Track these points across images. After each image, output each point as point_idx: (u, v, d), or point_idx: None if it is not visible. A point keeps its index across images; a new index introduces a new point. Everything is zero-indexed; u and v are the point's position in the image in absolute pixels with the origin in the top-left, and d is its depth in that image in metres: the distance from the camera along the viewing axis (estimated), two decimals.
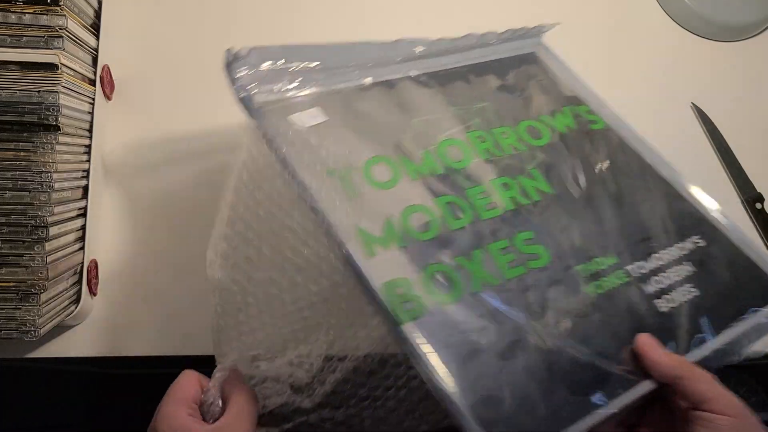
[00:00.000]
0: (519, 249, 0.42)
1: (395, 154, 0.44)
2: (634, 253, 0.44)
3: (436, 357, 0.36)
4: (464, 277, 0.40)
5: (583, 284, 0.42)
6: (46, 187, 0.45)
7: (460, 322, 0.38)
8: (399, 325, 0.36)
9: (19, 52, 0.46)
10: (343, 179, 0.41)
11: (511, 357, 0.37)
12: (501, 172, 0.46)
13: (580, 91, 0.55)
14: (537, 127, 0.50)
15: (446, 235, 0.41)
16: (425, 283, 0.38)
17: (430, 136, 0.46)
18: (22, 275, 0.45)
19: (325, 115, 0.44)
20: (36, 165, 0.45)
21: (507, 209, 0.44)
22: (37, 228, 0.45)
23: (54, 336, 0.51)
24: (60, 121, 0.46)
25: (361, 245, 0.39)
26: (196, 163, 0.57)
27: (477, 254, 0.41)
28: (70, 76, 0.48)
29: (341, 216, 0.40)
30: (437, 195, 0.43)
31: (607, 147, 0.51)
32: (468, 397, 0.35)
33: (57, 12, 0.46)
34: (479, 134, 0.48)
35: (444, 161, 0.45)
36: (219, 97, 0.58)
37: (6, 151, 0.45)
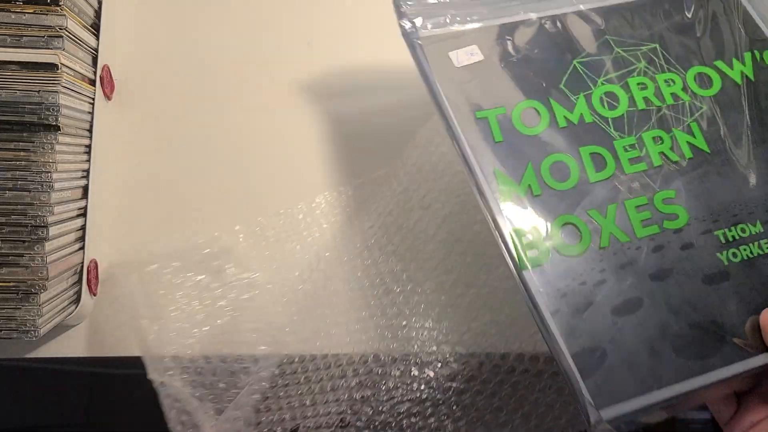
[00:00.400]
0: (657, 207, 0.42)
1: (547, 99, 0.44)
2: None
3: (549, 303, 0.38)
4: (593, 231, 0.40)
5: (717, 250, 0.41)
6: (46, 187, 0.45)
7: (580, 274, 0.39)
8: (521, 271, 0.38)
9: (19, 52, 0.46)
10: (490, 122, 0.43)
11: (624, 314, 0.38)
12: (656, 124, 0.44)
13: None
14: (708, 74, 0.47)
15: (584, 187, 0.41)
16: (553, 234, 0.39)
17: (587, 80, 0.46)
18: (22, 275, 0.45)
19: (482, 53, 0.45)
20: (36, 165, 0.45)
21: (654, 165, 0.43)
22: (37, 228, 0.45)
23: (54, 336, 0.51)
24: (60, 121, 0.46)
25: (497, 189, 0.41)
26: (196, 163, 0.57)
27: (611, 209, 0.41)
28: (70, 76, 0.48)
29: (482, 159, 0.41)
30: (583, 144, 0.43)
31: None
32: (572, 345, 0.37)
33: (57, 12, 0.46)
34: (641, 81, 0.46)
35: (597, 109, 0.44)
36: (219, 97, 0.59)
37: (6, 151, 0.45)
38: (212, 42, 0.60)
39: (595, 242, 0.40)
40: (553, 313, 0.38)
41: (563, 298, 0.38)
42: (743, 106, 0.46)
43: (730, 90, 0.47)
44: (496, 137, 0.42)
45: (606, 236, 0.40)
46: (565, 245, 0.39)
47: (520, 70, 0.45)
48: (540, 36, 0.47)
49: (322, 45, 0.60)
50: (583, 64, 0.46)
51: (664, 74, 0.46)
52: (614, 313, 0.38)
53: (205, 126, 0.58)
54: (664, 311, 0.39)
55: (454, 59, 0.44)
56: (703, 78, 0.47)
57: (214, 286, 0.52)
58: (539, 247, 0.39)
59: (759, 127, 0.45)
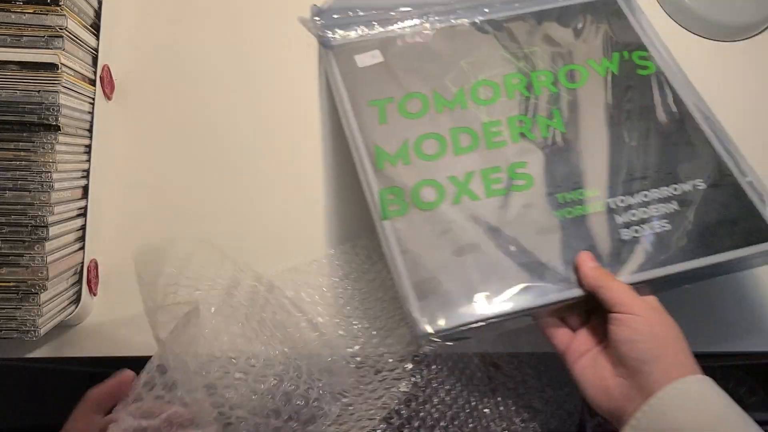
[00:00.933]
0: (509, 175, 0.50)
1: (432, 91, 0.53)
2: (621, 189, 0.50)
3: (401, 244, 0.46)
4: (449, 192, 0.49)
5: (555, 209, 0.49)
6: (46, 187, 0.45)
7: (432, 224, 0.47)
8: (383, 221, 0.47)
9: (19, 52, 0.46)
10: (380, 109, 0.52)
11: (462, 254, 0.46)
12: (522, 111, 0.53)
13: (647, 36, 0.58)
14: (578, 70, 0.55)
15: (449, 159, 0.50)
16: (414, 193, 0.48)
17: (469, 76, 0.54)
18: (22, 275, 0.45)
19: (383, 56, 0.54)
20: (36, 165, 0.45)
21: (513, 142, 0.51)
22: (37, 228, 0.45)
23: (54, 336, 0.51)
24: (60, 121, 0.46)
25: (374, 159, 0.50)
26: (196, 163, 0.57)
27: (469, 175, 0.49)
28: (70, 76, 0.48)
29: (367, 137, 0.50)
30: (455, 126, 0.51)
31: (646, 92, 0.55)
32: (413, 275, 0.45)
33: (57, 12, 0.46)
34: (516, 76, 0.55)
35: (473, 98, 0.53)
36: (219, 97, 0.59)
37: (6, 151, 0.45)
38: (212, 42, 0.60)
39: (448, 200, 0.48)
40: (403, 251, 0.46)
41: (414, 241, 0.47)
42: (604, 94, 0.54)
43: (596, 83, 0.55)
44: (382, 120, 0.51)
45: (459, 196, 0.49)
46: (423, 202, 0.48)
47: (413, 69, 0.54)
48: (434, 41, 0.56)
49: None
50: (470, 63, 0.55)
51: (539, 72, 0.55)
52: (454, 254, 0.46)
53: (205, 125, 0.58)
54: (497, 253, 0.47)
55: (359, 61, 0.54)
56: (573, 74, 0.55)
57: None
58: (401, 203, 0.48)
59: (615, 111, 0.54)
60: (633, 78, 0.55)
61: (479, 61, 0.55)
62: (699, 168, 0.51)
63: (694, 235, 0.48)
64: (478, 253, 0.47)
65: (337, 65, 0.54)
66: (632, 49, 0.57)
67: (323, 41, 0.55)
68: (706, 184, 0.50)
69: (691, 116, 0.54)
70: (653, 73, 0.56)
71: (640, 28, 0.58)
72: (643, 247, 0.48)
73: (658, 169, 0.51)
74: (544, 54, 0.56)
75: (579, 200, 0.49)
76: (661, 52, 0.57)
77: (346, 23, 0.56)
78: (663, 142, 0.53)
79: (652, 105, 0.54)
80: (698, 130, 0.53)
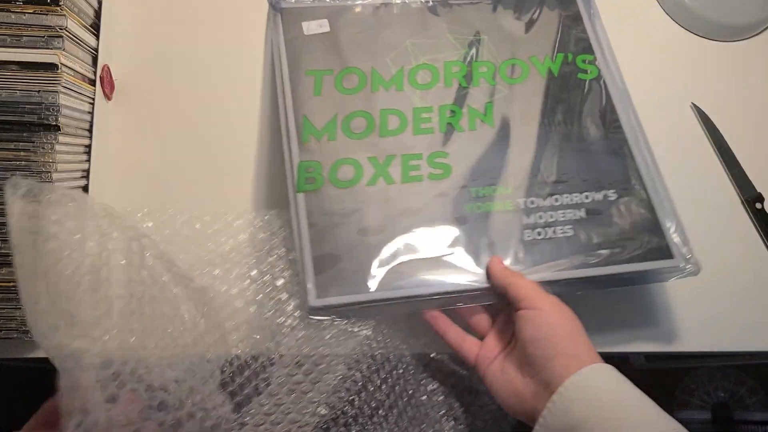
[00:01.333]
0: (428, 163, 0.50)
1: (371, 68, 0.53)
2: (534, 190, 0.50)
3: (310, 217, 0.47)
4: (366, 173, 0.49)
5: (465, 202, 0.49)
6: None
7: (344, 202, 0.48)
8: (297, 193, 0.47)
9: (19, 52, 0.46)
10: (316, 79, 0.52)
11: (367, 234, 0.47)
12: (455, 101, 0.53)
13: (598, 40, 0.58)
14: (520, 66, 0.55)
15: (374, 139, 0.50)
16: (332, 170, 0.49)
17: (411, 58, 0.54)
18: None
19: (330, 26, 0.54)
20: (36, 165, 0.45)
21: (440, 131, 0.52)
22: None
23: None
24: (60, 121, 0.46)
25: (300, 132, 0.50)
26: (195, 164, 0.57)
27: (389, 159, 0.50)
28: (70, 76, 0.48)
29: (298, 107, 0.51)
30: (386, 107, 0.52)
31: (581, 97, 0.55)
32: (316, 249, 0.46)
33: (57, 12, 0.46)
34: (457, 64, 0.54)
35: (410, 81, 0.53)
36: (219, 97, 0.59)
37: (6, 151, 0.45)
38: (212, 42, 0.60)
39: (364, 181, 0.49)
40: (310, 225, 0.47)
41: (323, 215, 0.47)
42: (540, 94, 0.54)
43: (535, 81, 0.55)
44: (316, 92, 0.51)
45: (375, 178, 0.49)
46: (338, 180, 0.48)
47: (357, 43, 0.54)
48: (384, 16, 0.56)
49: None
50: (415, 44, 0.55)
51: (481, 62, 0.55)
52: (359, 233, 0.47)
53: (205, 125, 0.58)
54: (400, 237, 0.47)
55: (305, 28, 0.54)
56: (515, 68, 0.55)
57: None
58: (317, 177, 0.48)
59: (546, 113, 0.54)
60: (571, 81, 0.55)
61: (425, 43, 0.55)
62: (615, 179, 0.52)
63: (592, 244, 0.49)
64: (383, 236, 0.47)
65: (282, 29, 0.53)
66: (579, 51, 0.57)
67: (273, 2, 0.54)
68: (617, 195, 0.51)
69: (619, 126, 0.54)
70: (593, 78, 0.55)
71: (592, 31, 0.58)
72: (541, 250, 0.48)
73: (575, 175, 0.51)
74: (490, 43, 0.56)
75: (490, 196, 0.50)
76: (606, 59, 0.57)
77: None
78: (586, 149, 0.53)
79: (583, 111, 0.54)
80: (623, 141, 0.53)
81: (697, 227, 0.59)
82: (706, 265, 0.49)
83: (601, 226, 0.50)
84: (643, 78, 0.63)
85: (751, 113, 0.63)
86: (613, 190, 0.51)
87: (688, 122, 0.62)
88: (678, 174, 0.60)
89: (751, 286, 0.57)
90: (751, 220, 0.59)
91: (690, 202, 0.59)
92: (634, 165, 0.52)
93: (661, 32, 0.65)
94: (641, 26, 0.65)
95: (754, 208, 0.59)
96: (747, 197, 0.60)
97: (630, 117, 0.54)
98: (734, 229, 0.59)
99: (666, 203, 0.51)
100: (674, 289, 0.56)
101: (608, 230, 0.50)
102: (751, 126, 0.63)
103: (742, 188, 0.60)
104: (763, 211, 0.59)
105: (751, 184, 0.60)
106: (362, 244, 0.47)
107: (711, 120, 0.62)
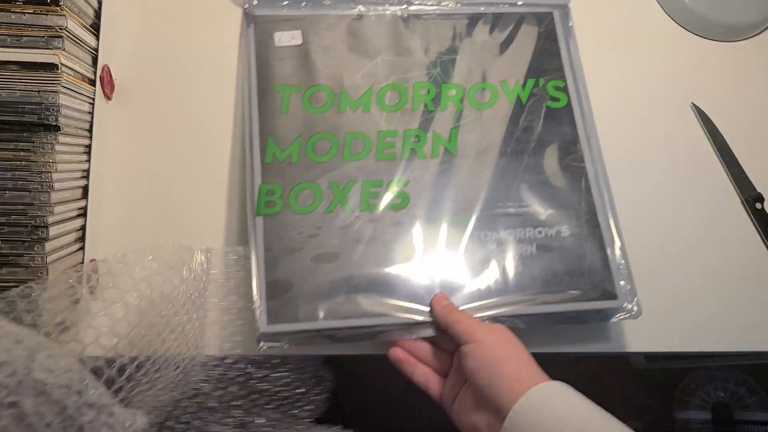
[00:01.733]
0: (388, 190, 0.50)
1: (339, 87, 0.52)
2: (489, 223, 0.50)
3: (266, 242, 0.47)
4: (326, 198, 0.49)
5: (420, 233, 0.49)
6: (46, 187, 0.45)
7: (301, 227, 0.48)
8: (256, 216, 0.48)
9: (19, 52, 0.46)
10: (284, 96, 0.51)
11: (321, 262, 0.47)
12: (421, 125, 0.52)
13: (570, 63, 0.56)
14: (489, 90, 0.54)
15: (337, 163, 0.50)
16: (292, 194, 0.49)
17: (382, 76, 0.53)
18: (22, 275, 0.45)
19: (302, 38, 0.53)
20: (36, 165, 0.45)
21: (403, 158, 0.51)
22: (37, 228, 0.45)
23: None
24: (60, 121, 0.46)
25: (264, 151, 0.49)
26: (195, 163, 0.57)
27: (350, 184, 0.49)
28: (70, 76, 0.48)
29: (264, 125, 0.50)
30: (351, 129, 0.51)
31: (547, 127, 0.54)
32: (270, 275, 0.46)
33: (57, 12, 0.46)
34: (426, 86, 0.53)
35: (378, 102, 0.52)
36: (219, 97, 0.59)
37: (6, 151, 0.45)
38: (212, 42, 0.60)
39: (323, 207, 0.49)
40: (266, 249, 0.47)
41: (280, 240, 0.47)
42: (506, 123, 0.53)
43: (502, 108, 0.54)
44: (283, 110, 0.50)
45: (335, 204, 0.49)
46: (298, 205, 0.48)
47: (328, 59, 0.52)
48: (357, 29, 0.54)
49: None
50: (386, 61, 0.54)
51: (450, 84, 0.54)
52: (313, 260, 0.47)
53: (204, 126, 0.58)
54: (353, 266, 0.47)
55: (277, 39, 0.52)
56: (484, 92, 0.54)
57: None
58: (277, 201, 0.48)
59: (510, 142, 0.53)
60: (539, 110, 0.54)
61: (396, 60, 0.54)
62: (570, 215, 0.51)
63: (539, 281, 0.49)
64: (336, 264, 0.47)
65: (254, 40, 0.53)
66: (550, 76, 0.55)
67: (246, 10, 0.53)
68: (569, 232, 0.51)
69: (582, 160, 0.53)
70: (562, 108, 0.54)
71: (567, 55, 0.57)
72: (488, 284, 0.48)
73: (531, 208, 0.51)
74: (462, 63, 0.55)
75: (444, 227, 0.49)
76: (577, 83, 0.56)
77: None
78: (545, 181, 0.52)
79: (547, 142, 0.53)
80: (584, 177, 0.53)
81: (697, 227, 0.59)
82: (707, 264, 0.49)
83: (549, 263, 0.50)
84: (643, 78, 0.63)
85: (751, 113, 0.63)
86: (567, 226, 0.51)
87: (688, 122, 0.62)
88: (678, 174, 0.60)
89: (751, 286, 0.57)
90: (751, 220, 0.59)
91: (690, 202, 0.59)
92: (591, 201, 0.52)
93: (661, 32, 0.65)
94: (641, 26, 0.65)
95: (754, 208, 0.59)
96: (747, 197, 0.60)
97: (593, 150, 0.54)
98: (734, 229, 0.59)
99: (617, 243, 0.51)
100: (674, 289, 0.56)
101: (556, 268, 0.49)
102: (751, 126, 0.63)
103: (742, 188, 0.60)
104: (763, 211, 0.59)
105: (751, 184, 0.60)
106: (316, 271, 0.47)
107: (711, 120, 0.62)
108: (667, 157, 0.61)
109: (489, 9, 0.57)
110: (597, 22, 0.64)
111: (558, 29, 0.57)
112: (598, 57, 0.60)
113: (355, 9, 0.55)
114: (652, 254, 0.57)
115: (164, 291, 0.47)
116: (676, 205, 0.59)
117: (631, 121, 0.61)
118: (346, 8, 0.54)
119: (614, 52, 0.63)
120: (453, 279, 0.48)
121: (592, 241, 0.51)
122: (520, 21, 0.57)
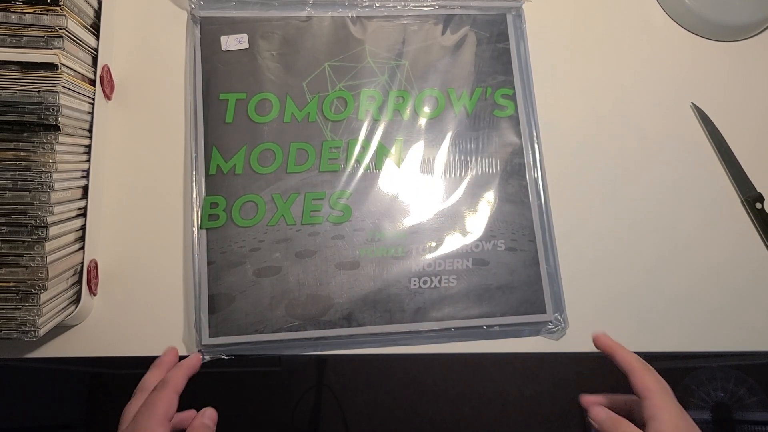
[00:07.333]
0: (330, 203, 0.50)
1: (285, 95, 0.51)
2: (428, 237, 0.50)
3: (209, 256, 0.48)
4: (269, 211, 0.49)
5: (360, 245, 0.50)
6: (46, 187, 0.45)
7: (243, 241, 0.48)
8: (200, 229, 0.49)
9: (19, 52, 0.46)
10: (229, 104, 0.50)
11: (262, 276, 0.48)
12: (365, 135, 0.52)
13: (519, 68, 0.55)
14: (437, 98, 0.54)
15: (280, 175, 0.50)
16: (235, 207, 0.49)
17: (329, 83, 0.53)
18: (22, 275, 0.45)
19: (249, 42, 0.52)
20: (36, 165, 0.45)
21: (346, 169, 0.51)
22: (37, 228, 0.45)
23: (54, 336, 0.51)
24: (60, 121, 0.46)
25: (208, 162, 0.49)
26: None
27: (293, 197, 0.50)
28: (70, 76, 0.48)
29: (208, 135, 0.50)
30: (296, 140, 0.50)
31: (493, 137, 0.54)
32: (212, 288, 0.47)
33: (57, 12, 0.46)
34: (374, 93, 0.53)
35: (324, 111, 0.52)
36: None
37: (6, 151, 0.45)
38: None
39: (265, 220, 0.49)
40: (209, 263, 0.48)
41: (222, 254, 0.48)
42: (451, 133, 0.53)
43: (447, 117, 0.53)
44: (228, 119, 0.50)
45: (277, 217, 0.49)
46: (240, 218, 0.49)
47: (274, 64, 0.51)
48: (306, 31, 0.53)
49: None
50: (333, 68, 0.53)
51: (398, 91, 0.53)
52: (255, 274, 0.48)
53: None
54: (293, 281, 0.48)
55: (224, 43, 0.51)
56: (431, 100, 0.53)
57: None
58: (220, 214, 0.48)
59: (453, 154, 0.52)
60: (485, 120, 0.54)
61: (344, 66, 0.53)
62: (507, 229, 0.52)
63: (472, 296, 0.50)
64: (277, 278, 0.48)
65: (200, 43, 0.52)
66: (498, 84, 0.55)
67: (191, 11, 0.53)
68: (505, 246, 0.51)
69: (523, 173, 0.53)
70: (508, 117, 0.54)
71: (517, 59, 0.56)
72: (424, 299, 0.49)
73: (471, 222, 0.51)
74: (410, 70, 0.54)
75: (383, 240, 0.50)
76: (525, 91, 0.55)
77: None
78: (486, 194, 0.52)
79: (491, 153, 0.53)
80: (524, 189, 0.53)
81: (697, 227, 0.59)
82: (707, 264, 0.49)
83: (484, 277, 0.50)
84: (643, 78, 0.63)
85: (751, 113, 0.63)
86: (503, 240, 0.51)
87: (688, 122, 0.62)
88: (678, 174, 0.60)
89: (751, 286, 0.57)
90: (751, 220, 0.59)
91: (690, 202, 0.59)
92: (530, 215, 0.52)
93: (661, 32, 0.65)
94: (641, 26, 0.65)
95: (754, 208, 0.59)
96: (747, 197, 0.60)
97: (536, 161, 0.54)
98: (734, 229, 0.59)
99: (551, 258, 0.52)
100: (674, 289, 0.56)
101: (490, 282, 0.50)
102: (751, 126, 0.63)
103: (742, 188, 0.60)
104: (763, 211, 0.59)
105: (751, 184, 0.60)
106: (257, 285, 0.48)
107: (711, 120, 0.62)
108: (667, 157, 0.61)
109: (440, 11, 0.55)
110: (597, 22, 0.63)
111: (510, 32, 0.56)
112: (599, 57, 0.60)
113: (304, 11, 0.54)
114: (652, 254, 0.57)
115: None
116: (676, 205, 0.59)
117: (631, 121, 0.61)
118: (295, 9, 0.54)
119: (614, 52, 0.63)
120: (386, 291, 0.49)
121: (527, 257, 0.51)
122: (471, 24, 0.56)
